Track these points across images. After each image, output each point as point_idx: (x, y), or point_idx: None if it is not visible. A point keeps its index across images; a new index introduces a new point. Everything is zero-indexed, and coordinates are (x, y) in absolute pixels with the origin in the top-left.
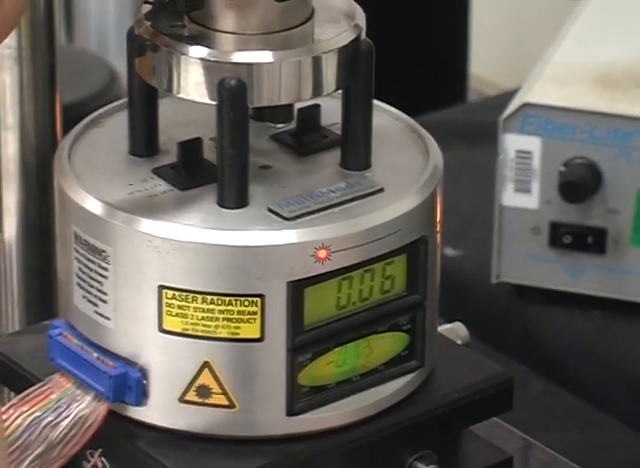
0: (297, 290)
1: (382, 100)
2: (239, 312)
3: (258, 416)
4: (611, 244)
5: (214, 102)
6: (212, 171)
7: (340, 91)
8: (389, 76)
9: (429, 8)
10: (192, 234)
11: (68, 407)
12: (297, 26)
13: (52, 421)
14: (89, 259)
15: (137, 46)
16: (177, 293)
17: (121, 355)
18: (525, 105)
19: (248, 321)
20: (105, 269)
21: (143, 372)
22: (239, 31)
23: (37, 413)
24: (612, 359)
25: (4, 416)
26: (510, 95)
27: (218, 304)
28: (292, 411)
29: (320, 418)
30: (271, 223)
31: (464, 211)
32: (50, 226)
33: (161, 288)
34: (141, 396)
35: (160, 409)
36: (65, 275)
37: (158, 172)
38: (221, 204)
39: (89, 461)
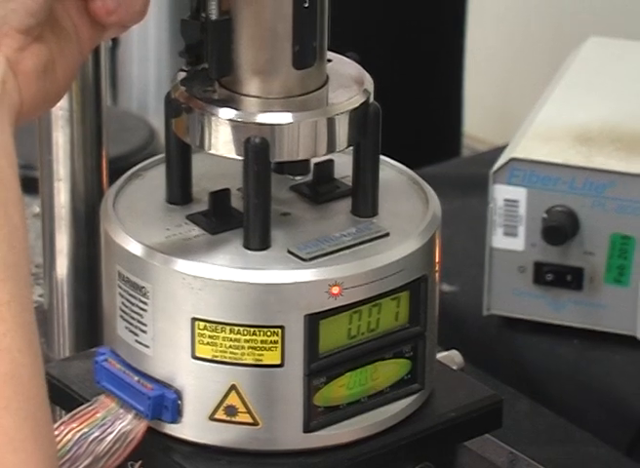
0: (312, 322)
1: (388, 156)
2: (262, 341)
3: (278, 433)
4: (587, 281)
5: (240, 158)
6: (239, 217)
7: (351, 147)
8: (394, 135)
9: (430, 76)
10: (221, 273)
11: (112, 424)
12: (313, 91)
13: (98, 436)
14: (130, 295)
15: (173, 108)
16: (207, 325)
17: (158, 378)
18: (512, 160)
19: (270, 349)
20: (145, 303)
21: (178, 394)
22: (262, 95)
23: (85, 430)
24: (589, 382)
25: (56, 433)
26: (499, 150)
27: (243, 334)
28: (308, 429)
29: (333, 435)
30: (291, 263)
31: (460, 252)
32: (96, 266)
33: (194, 320)
34: (176, 414)
35: (193, 427)
36: (110, 308)
37: (192, 218)
38: (247, 246)
39: None
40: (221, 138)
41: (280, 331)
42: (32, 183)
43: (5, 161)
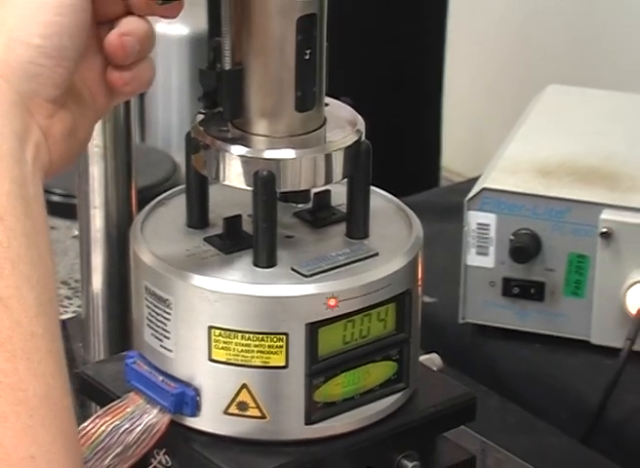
0: (312, 329)
1: (377, 186)
2: (269, 346)
3: (283, 425)
4: (548, 294)
5: (250, 188)
6: (249, 239)
7: (345, 179)
8: (383, 168)
9: (414, 119)
10: (234, 287)
11: (140, 417)
12: (313, 131)
13: (127, 428)
14: (156, 306)
15: (193, 145)
16: (222, 332)
17: (180, 378)
18: (484, 190)
19: (275, 353)
20: (168, 313)
21: (197, 391)
22: (269, 134)
23: (116, 422)
24: (549, 381)
25: (91, 425)
26: (472, 182)
27: (253, 340)
28: (309, 421)
29: (330, 426)
30: (293, 279)
31: (439, 269)
32: (127, 281)
33: (210, 328)
34: (195, 409)
35: (209, 420)
36: (138, 318)
37: (208, 240)
38: (256, 264)
39: (155, 459)
40: (234, 172)
41: (284, 337)
42: (72, 210)
43: (39, 210)
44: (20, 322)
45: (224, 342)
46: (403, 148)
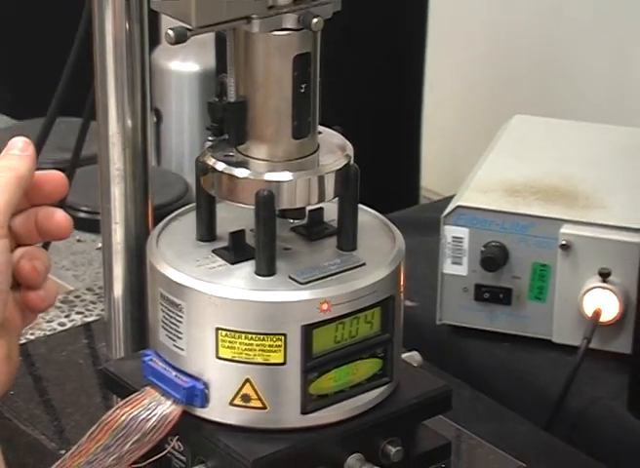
0: (307, 330)
1: (364, 204)
2: (269, 345)
3: (281, 415)
4: (515, 298)
5: (252, 206)
6: (251, 251)
7: (336, 198)
8: (369, 188)
9: (396, 145)
10: (238, 293)
11: (156, 408)
12: (308, 155)
13: (145, 417)
14: (170, 310)
15: (202, 169)
16: (228, 333)
17: (191, 373)
18: (458, 207)
19: (275, 351)
20: (181, 317)
21: (206, 385)
22: (269, 159)
23: (135, 412)
24: (516, 375)
25: (113, 415)
26: (448, 200)
27: (255, 340)
28: (304, 411)
29: (323, 416)
30: (291, 286)
31: (419, 276)
32: (144, 288)
33: (217, 329)
34: (204, 401)
35: (217, 410)
36: (154, 320)
37: (216, 252)
38: (258, 273)
39: (169, 444)
40: (238, 191)
41: (283, 337)
42: (96, 225)
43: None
44: None
45: (230, 342)
46: (387, 170)
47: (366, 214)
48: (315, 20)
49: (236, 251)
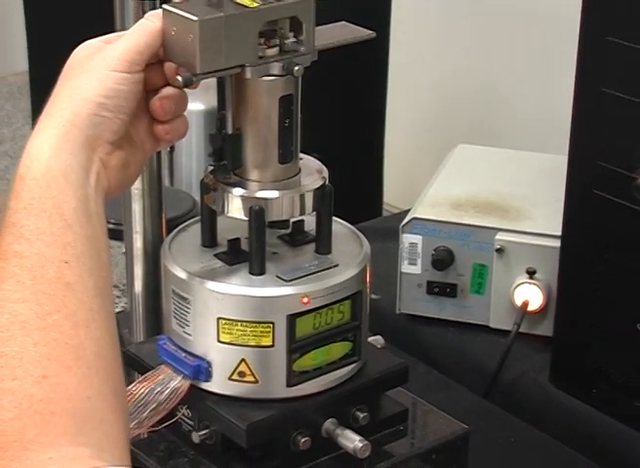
0: (291, 319)
1: (337, 216)
2: (260, 331)
3: (271, 387)
4: (459, 292)
5: (246, 219)
6: (246, 255)
7: (314, 211)
8: (341, 203)
9: (362, 167)
10: (235, 289)
11: (169, 382)
12: (291, 177)
13: (159, 390)
14: (180, 303)
15: (205, 188)
16: (227, 321)
17: (197, 354)
18: (413, 219)
19: (265, 336)
20: (189, 308)
21: (209, 364)
22: (260, 180)
23: (152, 386)
24: (461, 352)
25: (134, 388)
26: (406, 213)
27: (249, 327)
28: (289, 384)
29: (305, 388)
30: (278, 283)
31: (382, 275)
32: (159, 285)
33: (219, 318)
34: (208, 376)
35: (218, 384)
36: (167, 311)
37: (217, 255)
38: (251, 273)
39: (179, 412)
40: (235, 207)
41: (272, 325)
42: (120, 234)
43: (99, 221)
44: (82, 300)
45: (229, 329)
46: (356, 189)
47: (339, 225)
48: (297, 68)
49: (233, 255)
